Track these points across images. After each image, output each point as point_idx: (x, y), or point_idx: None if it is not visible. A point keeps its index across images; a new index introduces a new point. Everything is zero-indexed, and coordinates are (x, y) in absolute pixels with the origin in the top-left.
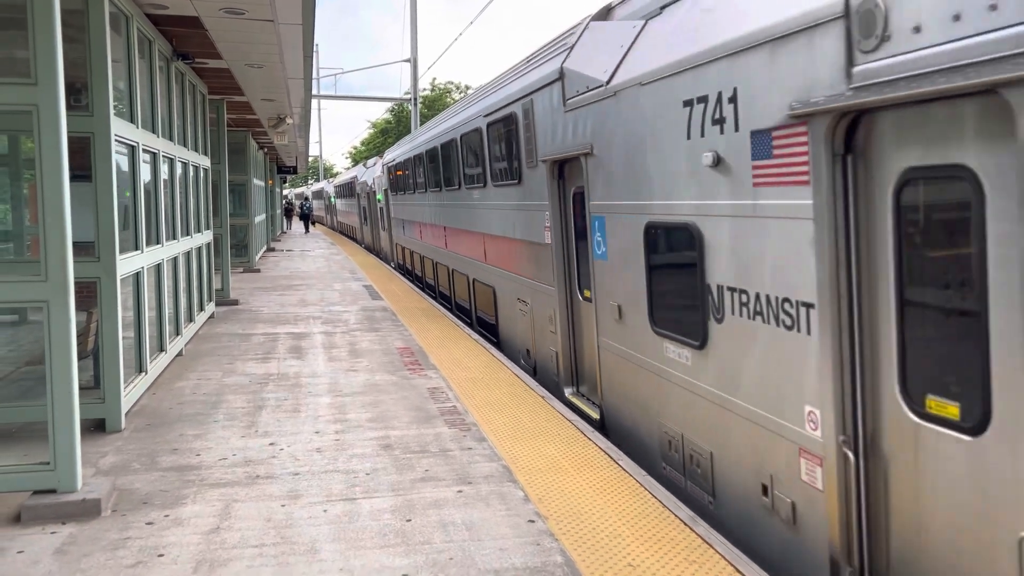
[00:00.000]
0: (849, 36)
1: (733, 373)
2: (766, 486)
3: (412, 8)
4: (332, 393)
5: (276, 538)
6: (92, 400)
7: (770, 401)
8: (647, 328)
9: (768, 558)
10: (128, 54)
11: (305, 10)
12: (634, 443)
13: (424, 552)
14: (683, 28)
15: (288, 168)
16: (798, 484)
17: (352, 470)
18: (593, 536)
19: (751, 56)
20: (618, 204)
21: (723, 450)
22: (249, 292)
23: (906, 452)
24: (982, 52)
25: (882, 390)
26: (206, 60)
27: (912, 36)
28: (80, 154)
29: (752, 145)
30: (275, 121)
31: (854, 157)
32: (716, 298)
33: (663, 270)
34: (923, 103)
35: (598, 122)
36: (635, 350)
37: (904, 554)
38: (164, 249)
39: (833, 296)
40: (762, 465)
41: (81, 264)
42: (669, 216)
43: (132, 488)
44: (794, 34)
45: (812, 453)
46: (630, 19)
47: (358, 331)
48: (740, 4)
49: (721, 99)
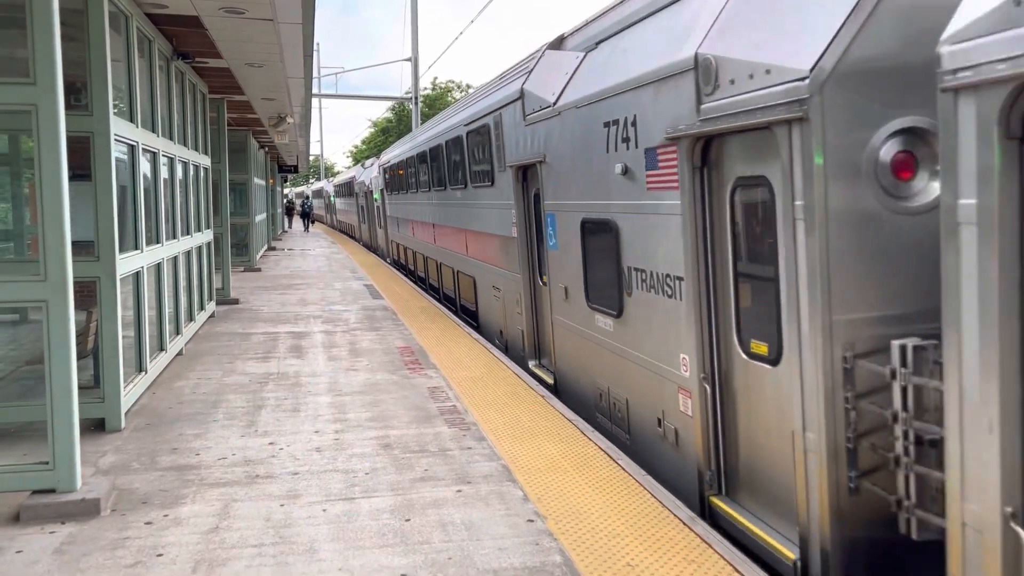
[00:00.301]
0: (697, 83)
1: (639, 334)
2: (660, 419)
3: (413, 7)
4: (332, 392)
5: (275, 538)
6: (92, 399)
7: (661, 353)
8: (584, 304)
9: (663, 475)
10: (128, 53)
11: (305, 9)
12: (578, 400)
13: (423, 552)
14: (606, 63)
15: (289, 167)
16: (678, 414)
17: (351, 470)
18: (592, 536)
19: (644, 92)
20: (564, 203)
21: (634, 396)
22: (250, 291)
23: (741, 382)
24: (764, 101)
25: (727, 338)
26: (206, 59)
27: (730, 86)
28: (80, 153)
29: (645, 159)
30: (276, 120)
31: (708, 169)
32: (627, 277)
33: (594, 257)
34: (742, 132)
35: (549, 135)
36: (577, 323)
37: (745, 458)
38: (164, 248)
39: (695, 271)
40: (657, 403)
41: (80, 264)
42: (597, 213)
43: (131, 488)
44: (668, 78)
45: (685, 389)
46: (575, 50)
47: (358, 330)
48: (642, 48)
49: (627, 123)
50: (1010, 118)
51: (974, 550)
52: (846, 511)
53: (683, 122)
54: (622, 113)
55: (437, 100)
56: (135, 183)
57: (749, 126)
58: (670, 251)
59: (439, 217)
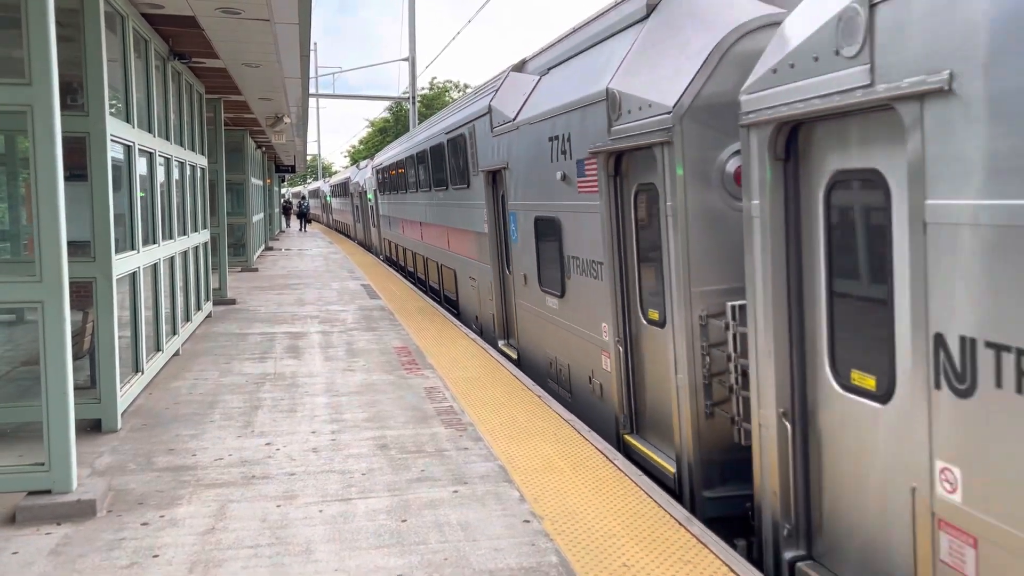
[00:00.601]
0: (608, 110)
1: (576, 310)
2: (590, 377)
3: (410, 7)
4: (329, 393)
5: (271, 539)
6: (88, 400)
7: (590, 324)
8: (538, 288)
9: (594, 422)
10: (124, 54)
11: (301, 9)
12: (535, 370)
13: (419, 552)
14: (552, 88)
15: (286, 167)
16: (602, 371)
17: (348, 470)
18: (588, 536)
19: (575, 114)
20: (522, 204)
21: (573, 361)
22: (247, 291)
23: (644, 342)
24: (647, 128)
25: (634, 309)
26: (203, 59)
27: (628, 114)
28: (76, 154)
29: (577, 168)
30: (273, 120)
31: (619, 178)
32: (568, 264)
33: (545, 248)
34: (638, 149)
35: (511, 146)
36: (533, 304)
37: (648, 402)
38: (161, 249)
39: (610, 258)
40: (588, 364)
41: (76, 264)
42: (546, 212)
43: (127, 488)
44: (589, 104)
45: (606, 351)
46: (533, 73)
47: (355, 330)
48: (577, 78)
49: (565, 138)
50: (775, 146)
51: (764, 441)
52: (704, 433)
53: (600, 140)
54: (562, 130)
55: (435, 100)
56: (131, 183)
57: (640, 145)
58: (595, 241)
59: (425, 216)
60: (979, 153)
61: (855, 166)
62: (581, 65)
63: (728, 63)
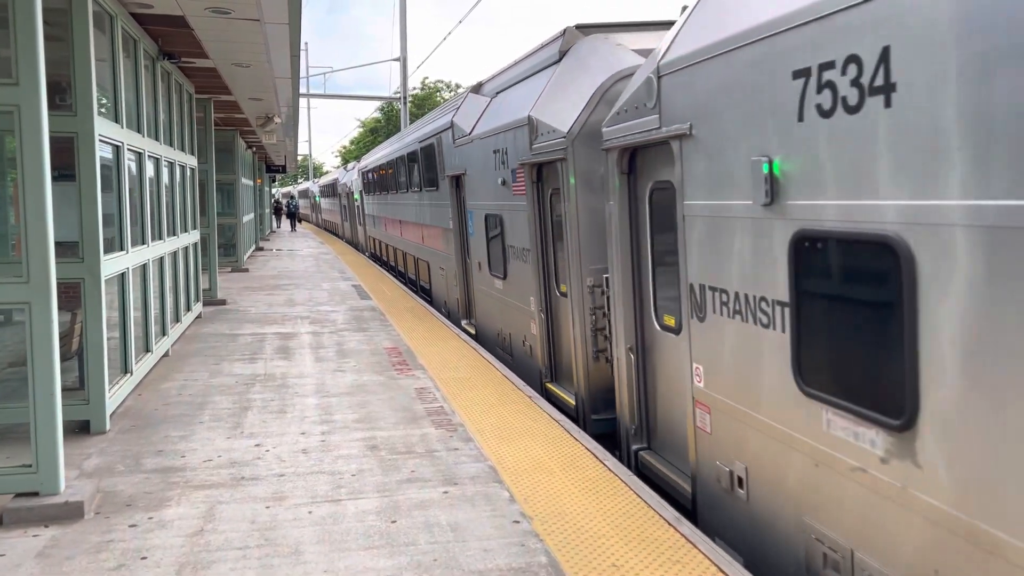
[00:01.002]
0: (530, 132)
1: (514, 288)
2: (524, 340)
3: (402, 7)
4: (319, 394)
5: (260, 540)
6: (76, 401)
7: (523, 299)
8: (488, 273)
9: (527, 375)
10: (113, 53)
11: (292, 9)
12: (489, 342)
13: (409, 553)
14: (498, 109)
15: (277, 167)
16: (531, 335)
17: (338, 471)
18: (578, 536)
19: (510, 133)
20: (476, 203)
21: (514, 330)
22: (237, 292)
23: (558, 310)
24: (553, 147)
25: (551, 285)
26: (193, 59)
27: (542, 136)
28: (64, 154)
29: (511, 175)
30: (263, 120)
31: (540, 184)
32: (508, 252)
33: (492, 241)
34: (549, 163)
35: (468, 155)
36: (486, 287)
37: (563, 356)
38: (150, 249)
39: (534, 245)
40: (523, 331)
41: (64, 265)
42: (492, 210)
43: (116, 490)
44: (519, 127)
45: (533, 318)
46: (486, 95)
47: (346, 331)
48: (514, 104)
49: (504, 152)
50: (622, 164)
51: (619, 369)
52: (592, 373)
53: (525, 155)
54: (502, 145)
55: (426, 100)
56: (120, 184)
57: (550, 160)
58: (525, 233)
59: (403, 215)
60: (702, 173)
61: (662, 179)
62: (517, 93)
63: (605, 101)
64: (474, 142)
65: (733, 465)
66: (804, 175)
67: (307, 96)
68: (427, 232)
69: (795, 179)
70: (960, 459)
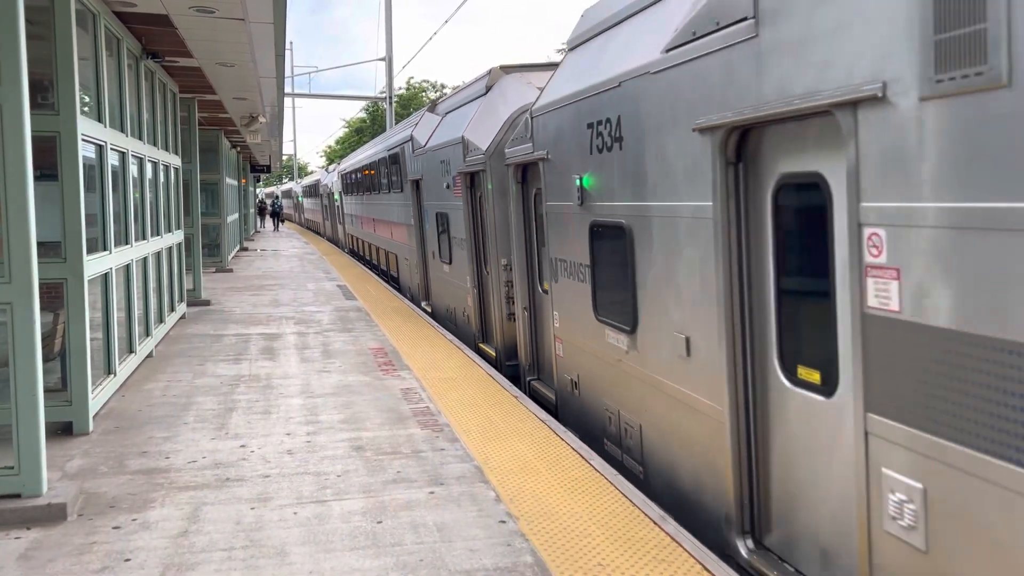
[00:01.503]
0: (462, 148)
1: (457, 271)
2: (464, 311)
3: (387, 7)
4: (304, 394)
5: (245, 541)
6: (59, 403)
7: (462, 278)
8: (439, 260)
9: (467, 340)
10: (96, 52)
11: (276, 9)
12: (441, 317)
13: (395, 554)
14: (445, 128)
15: (262, 167)
16: (469, 307)
17: (323, 472)
18: (564, 536)
19: (451, 148)
20: (430, 203)
21: (457, 304)
22: (221, 292)
23: (484, 285)
24: (477, 161)
25: (481, 266)
26: (176, 58)
27: (471, 152)
28: (47, 153)
29: (452, 181)
30: (247, 120)
31: (473, 188)
32: (452, 243)
33: (441, 234)
34: (475, 173)
35: (422, 164)
36: (437, 272)
37: (487, 322)
38: (133, 249)
39: (467, 236)
40: (462, 304)
41: (47, 265)
42: (441, 209)
43: (99, 492)
44: (456, 144)
45: (469, 293)
46: (439, 114)
47: (331, 331)
48: (455, 124)
49: (447, 162)
50: (517, 176)
51: (519, 322)
52: (506, 330)
53: (460, 166)
54: (445, 156)
55: (412, 100)
56: (103, 183)
57: (475, 170)
58: (462, 226)
59: (376, 213)
60: (554, 184)
61: (538, 187)
62: (459, 116)
63: (512, 127)
64: (427, 153)
65: (572, 375)
66: (594, 187)
67: (292, 96)
68: (394, 228)
69: (591, 190)
70: (651, 346)
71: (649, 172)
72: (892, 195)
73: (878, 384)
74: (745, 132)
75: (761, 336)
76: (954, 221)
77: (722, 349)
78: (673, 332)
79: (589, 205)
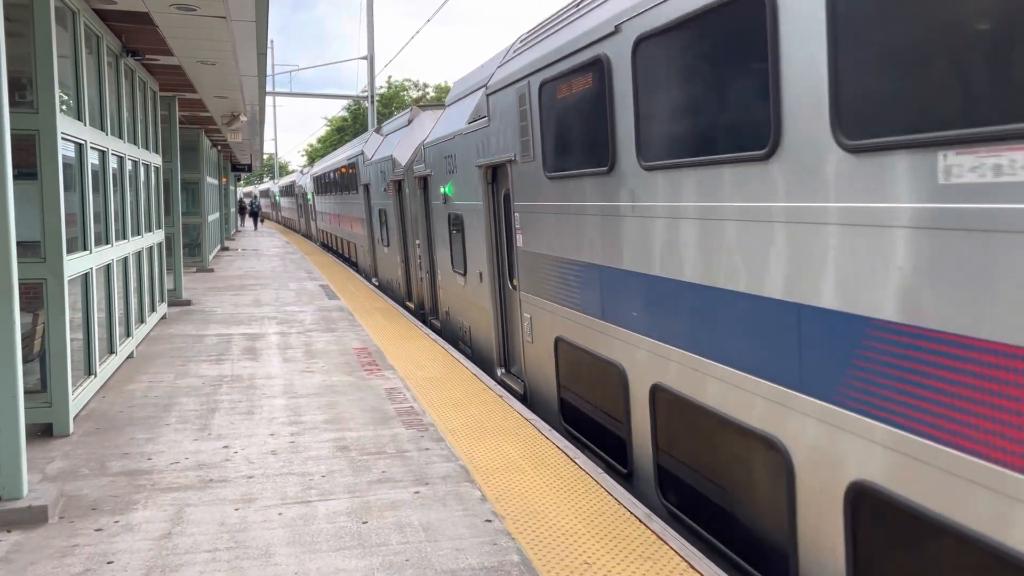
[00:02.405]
0: (392, 163)
1: (394, 251)
2: (397, 280)
3: (369, 6)
4: (287, 395)
5: (230, 542)
6: (39, 404)
7: (395, 263)
8: (382, 245)
9: (397, 301)
10: (75, 50)
11: (258, 7)
12: (389, 290)
13: (380, 554)
14: (384, 146)
15: (243, 166)
16: (399, 279)
17: (307, 472)
18: (550, 534)
19: (385, 162)
20: (376, 203)
21: (392, 276)
22: (202, 292)
23: (411, 261)
24: (399, 173)
25: (406, 247)
26: (157, 56)
27: (395, 166)
28: (25, 152)
29: (387, 186)
30: (228, 119)
31: (399, 192)
32: (390, 231)
33: (383, 225)
34: (399, 181)
35: (370, 172)
36: (383, 255)
37: (415, 288)
38: (114, 249)
39: (397, 228)
40: (395, 277)
41: (26, 265)
42: (382, 207)
43: (80, 494)
44: (388, 160)
45: (399, 267)
46: (382, 135)
47: (314, 331)
48: (391, 143)
49: (384, 172)
50: (419, 185)
51: (424, 284)
52: (420, 290)
53: (392, 176)
54: (384, 168)
55: (392, 99)
56: (83, 182)
57: (399, 179)
58: (395, 221)
59: (339, 210)
60: (433, 190)
61: (419, 194)
62: (392, 139)
63: (421, 150)
64: (373, 164)
65: (446, 307)
66: (450, 193)
67: (273, 94)
68: (353, 223)
69: (449, 194)
70: (471, 281)
71: (466, 185)
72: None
73: (523, 279)
74: (494, 168)
75: (503, 269)
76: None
77: (490, 276)
78: (476, 271)
79: (449, 203)
